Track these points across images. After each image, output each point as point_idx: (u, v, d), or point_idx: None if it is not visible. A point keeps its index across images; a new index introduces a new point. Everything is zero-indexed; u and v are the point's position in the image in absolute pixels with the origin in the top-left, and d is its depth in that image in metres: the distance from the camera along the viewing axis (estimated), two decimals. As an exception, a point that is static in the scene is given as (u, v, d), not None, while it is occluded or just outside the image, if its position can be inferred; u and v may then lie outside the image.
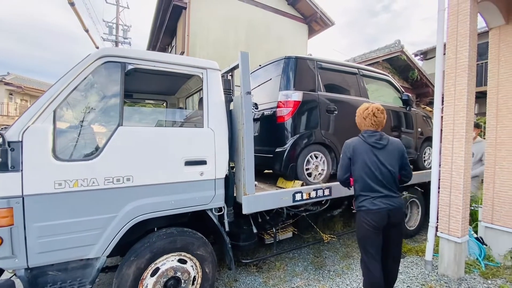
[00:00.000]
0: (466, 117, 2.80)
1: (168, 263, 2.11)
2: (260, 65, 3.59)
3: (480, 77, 8.71)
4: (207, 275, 2.29)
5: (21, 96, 20.46)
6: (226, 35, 8.53)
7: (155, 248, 2.04)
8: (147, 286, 2.02)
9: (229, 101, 2.54)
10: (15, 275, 1.79)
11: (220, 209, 2.40)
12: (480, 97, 5.94)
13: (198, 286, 2.26)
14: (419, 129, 4.13)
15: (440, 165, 3.05)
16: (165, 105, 3.68)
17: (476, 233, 3.49)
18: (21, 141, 1.66)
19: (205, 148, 2.27)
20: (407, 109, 3.97)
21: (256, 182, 2.52)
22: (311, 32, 10.72)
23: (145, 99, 3.61)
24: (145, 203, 2.01)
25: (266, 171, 3.70)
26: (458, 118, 2.86)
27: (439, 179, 3.04)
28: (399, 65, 9.52)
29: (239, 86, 2.37)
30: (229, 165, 2.45)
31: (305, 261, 3.34)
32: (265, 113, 3.09)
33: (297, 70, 2.97)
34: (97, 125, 2.13)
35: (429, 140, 4.16)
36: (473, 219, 3.67)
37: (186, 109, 3.47)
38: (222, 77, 2.54)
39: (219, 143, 2.32)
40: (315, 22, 10.38)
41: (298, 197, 2.70)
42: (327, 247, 3.72)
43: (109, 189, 1.89)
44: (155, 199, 2.05)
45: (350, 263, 3.27)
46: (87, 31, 9.81)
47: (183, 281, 2.16)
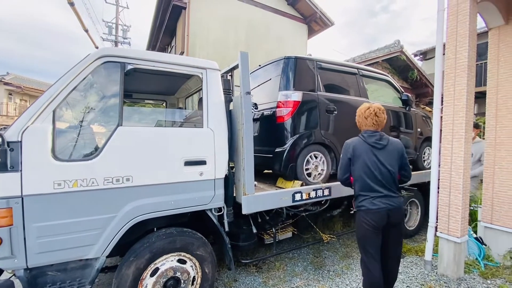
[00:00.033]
0: (465, 117, 2.80)
1: (167, 263, 2.11)
2: (259, 65, 3.59)
3: (479, 77, 8.73)
4: (206, 275, 2.29)
5: (20, 96, 20.44)
6: (226, 35, 8.53)
7: (154, 248, 2.04)
8: (147, 286, 2.02)
9: (228, 101, 2.54)
10: (15, 275, 1.79)
11: (219, 209, 2.40)
12: (479, 97, 5.95)
13: (197, 286, 2.26)
14: (419, 129, 4.13)
15: (439, 165, 3.05)
16: (164, 105, 3.68)
17: (475, 233, 3.50)
18: (21, 141, 1.66)
19: (204, 148, 2.27)
20: (407, 109, 3.98)
21: (255, 182, 2.52)
22: (311, 32, 10.72)
23: (144, 99, 3.61)
24: (145, 203, 2.01)
25: (265, 171, 3.71)
26: (457, 118, 2.86)
27: (439, 179, 3.05)
28: (398, 65, 9.53)
29: (239, 86, 2.37)
30: (229, 165, 2.45)
31: (304, 261, 3.34)
32: (265, 113, 3.09)
33: (297, 70, 2.97)
34: (97, 125, 2.13)
35: (428, 140, 4.17)
36: (473, 219, 3.68)
37: (185, 109, 3.47)
38: (221, 77, 2.55)
39: (218, 143, 2.32)
40: (314, 22, 10.39)
41: (297, 197, 2.70)
42: (327, 247, 3.72)
43: (108, 189, 1.89)
44: (155, 199, 2.05)
45: (349, 263, 3.27)
46: (86, 31, 9.80)
47: (182, 281, 2.16)
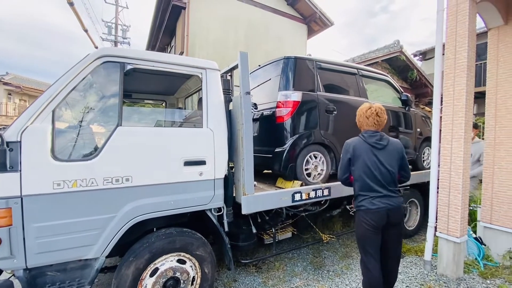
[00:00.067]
0: (465, 117, 2.80)
1: (167, 263, 2.11)
2: (259, 65, 3.59)
3: (479, 78, 8.74)
4: (206, 275, 2.29)
5: (20, 96, 20.42)
6: (225, 35, 8.52)
7: (154, 248, 2.04)
8: (146, 286, 2.02)
9: (228, 101, 2.53)
10: (14, 275, 1.79)
11: (219, 209, 2.40)
12: (479, 98, 5.96)
13: (197, 286, 2.26)
14: (418, 129, 4.14)
15: (439, 165, 3.05)
16: (164, 105, 3.67)
17: (475, 233, 3.50)
18: (20, 141, 1.66)
19: (204, 148, 2.27)
20: (406, 109, 3.98)
21: (255, 182, 2.51)
22: (310, 32, 10.72)
23: (144, 99, 3.61)
24: (144, 203, 2.01)
25: (265, 171, 3.70)
26: (457, 118, 2.86)
27: (438, 179, 3.05)
28: (398, 65, 9.55)
29: (239, 86, 2.37)
30: (229, 165, 2.45)
31: (304, 261, 3.34)
32: (265, 113, 3.09)
33: (296, 70, 2.97)
34: (96, 125, 2.12)
35: (428, 140, 4.17)
36: (472, 219, 3.68)
37: (185, 109, 3.47)
38: (221, 77, 2.55)
39: (218, 143, 2.32)
40: (314, 22, 10.38)
41: (297, 197, 2.70)
42: (326, 247, 3.72)
43: (108, 189, 1.89)
44: (154, 199, 2.05)
45: (349, 263, 3.27)
46: (86, 31, 9.78)
47: (182, 281, 2.16)
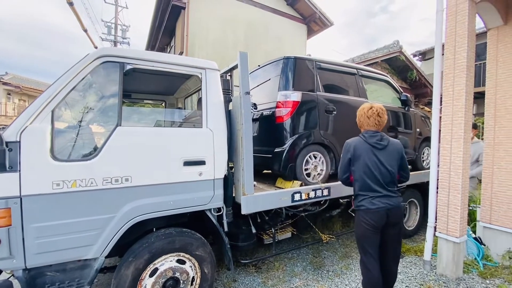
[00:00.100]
0: (464, 118, 2.81)
1: (166, 263, 2.11)
2: (259, 65, 3.59)
3: (478, 78, 8.76)
4: (206, 276, 2.29)
5: (19, 96, 20.38)
6: (225, 35, 8.52)
7: (153, 248, 2.04)
8: (146, 286, 2.02)
9: (228, 101, 2.53)
10: (13, 275, 1.79)
11: (219, 210, 2.40)
12: (478, 98, 5.97)
13: (196, 286, 2.26)
14: (418, 130, 4.14)
15: (438, 165, 3.05)
16: (164, 105, 3.67)
17: (474, 233, 3.50)
18: (19, 141, 1.66)
19: (204, 148, 2.27)
20: (406, 110, 3.98)
21: (255, 182, 2.52)
22: (310, 32, 10.72)
23: (143, 99, 3.60)
24: (144, 204, 2.01)
25: (265, 171, 3.70)
26: (456, 118, 2.87)
27: (438, 179, 3.05)
28: (397, 65, 9.56)
29: (238, 86, 2.37)
30: (228, 165, 2.45)
31: (304, 261, 3.34)
32: (264, 113, 3.09)
33: (296, 70, 2.97)
34: (96, 125, 2.12)
35: (427, 140, 4.18)
36: (472, 219, 3.69)
37: (185, 109, 3.46)
38: (221, 77, 2.55)
39: (218, 143, 2.32)
40: (314, 22, 10.39)
41: (297, 197, 2.70)
42: (326, 247, 3.72)
43: (107, 189, 1.88)
44: (154, 200, 2.05)
45: (349, 263, 3.27)
46: (85, 31, 9.77)
47: (181, 282, 2.16)
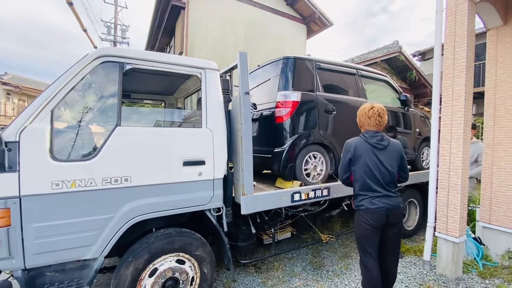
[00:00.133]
0: (464, 118, 2.81)
1: (166, 263, 2.11)
2: (258, 66, 3.59)
3: (477, 78, 8.77)
4: (205, 276, 2.28)
5: (18, 96, 20.36)
6: (224, 35, 8.52)
7: (153, 248, 2.04)
8: (145, 286, 2.01)
9: (227, 101, 2.53)
10: (13, 276, 1.78)
11: (218, 210, 2.40)
12: (477, 98, 5.98)
13: (196, 286, 2.26)
14: (417, 130, 4.14)
15: (438, 166, 3.06)
16: (163, 105, 3.67)
17: (474, 233, 3.51)
18: (18, 141, 1.65)
19: (203, 148, 2.27)
20: (405, 110, 3.98)
21: (254, 182, 2.51)
22: (310, 32, 10.73)
23: (143, 99, 3.60)
24: (143, 204, 2.01)
25: (264, 171, 3.70)
26: (456, 118, 2.87)
27: (437, 179, 3.05)
28: (397, 65, 9.57)
29: (238, 86, 2.37)
30: (228, 165, 2.45)
31: (303, 261, 3.34)
32: (264, 113, 3.09)
33: (296, 70, 2.97)
34: (95, 125, 2.12)
35: (427, 140, 4.18)
36: (471, 219, 3.69)
37: (184, 109, 3.46)
38: (220, 77, 2.55)
39: (217, 144, 2.32)
40: (313, 22, 10.40)
41: (296, 197, 2.70)
42: (326, 247, 3.72)
43: (107, 189, 1.88)
44: (154, 200, 2.05)
45: (348, 263, 3.27)
46: (85, 31, 9.76)
47: (181, 282, 2.15)
